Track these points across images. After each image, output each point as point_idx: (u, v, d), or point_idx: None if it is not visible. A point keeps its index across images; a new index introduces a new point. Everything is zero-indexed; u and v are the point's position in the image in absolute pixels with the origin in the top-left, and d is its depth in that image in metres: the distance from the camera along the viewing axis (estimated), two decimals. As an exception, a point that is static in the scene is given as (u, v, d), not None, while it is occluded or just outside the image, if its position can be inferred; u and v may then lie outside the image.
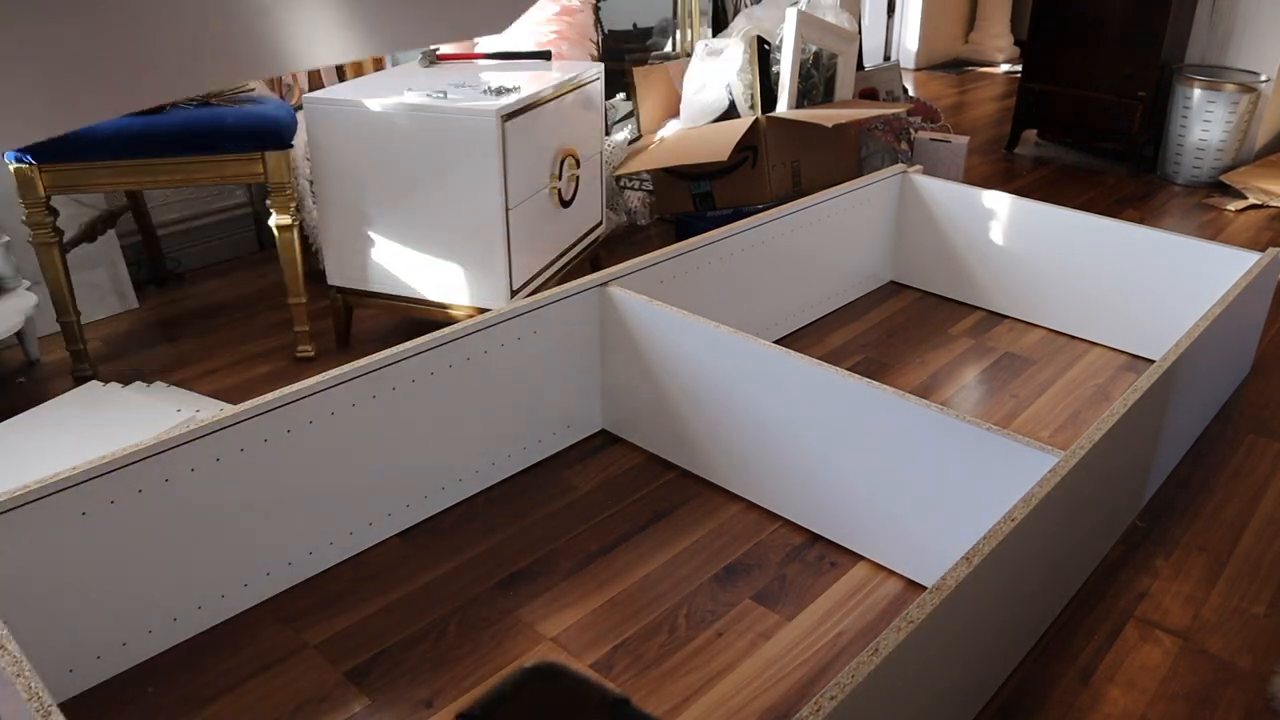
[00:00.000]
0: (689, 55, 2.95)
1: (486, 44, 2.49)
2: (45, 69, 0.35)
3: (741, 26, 2.90)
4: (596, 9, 2.70)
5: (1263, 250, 1.91)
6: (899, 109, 2.94)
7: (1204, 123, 3.31)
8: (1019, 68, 4.25)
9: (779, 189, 2.65)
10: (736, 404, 1.58)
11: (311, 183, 2.32)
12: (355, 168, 1.97)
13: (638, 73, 2.90)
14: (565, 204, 2.20)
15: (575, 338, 1.73)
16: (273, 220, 2.01)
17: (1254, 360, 2.13)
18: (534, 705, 0.41)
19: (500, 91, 1.97)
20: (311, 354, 2.11)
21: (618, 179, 2.87)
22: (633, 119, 2.97)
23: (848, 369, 1.49)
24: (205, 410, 1.82)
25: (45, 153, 1.83)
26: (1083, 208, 2.33)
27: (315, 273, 2.36)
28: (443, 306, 2.05)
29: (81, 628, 1.22)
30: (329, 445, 1.41)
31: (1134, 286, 2.11)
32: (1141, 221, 2.86)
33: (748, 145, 2.62)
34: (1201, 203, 3.23)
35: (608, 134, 2.85)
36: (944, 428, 1.33)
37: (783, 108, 2.71)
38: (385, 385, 1.45)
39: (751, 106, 2.75)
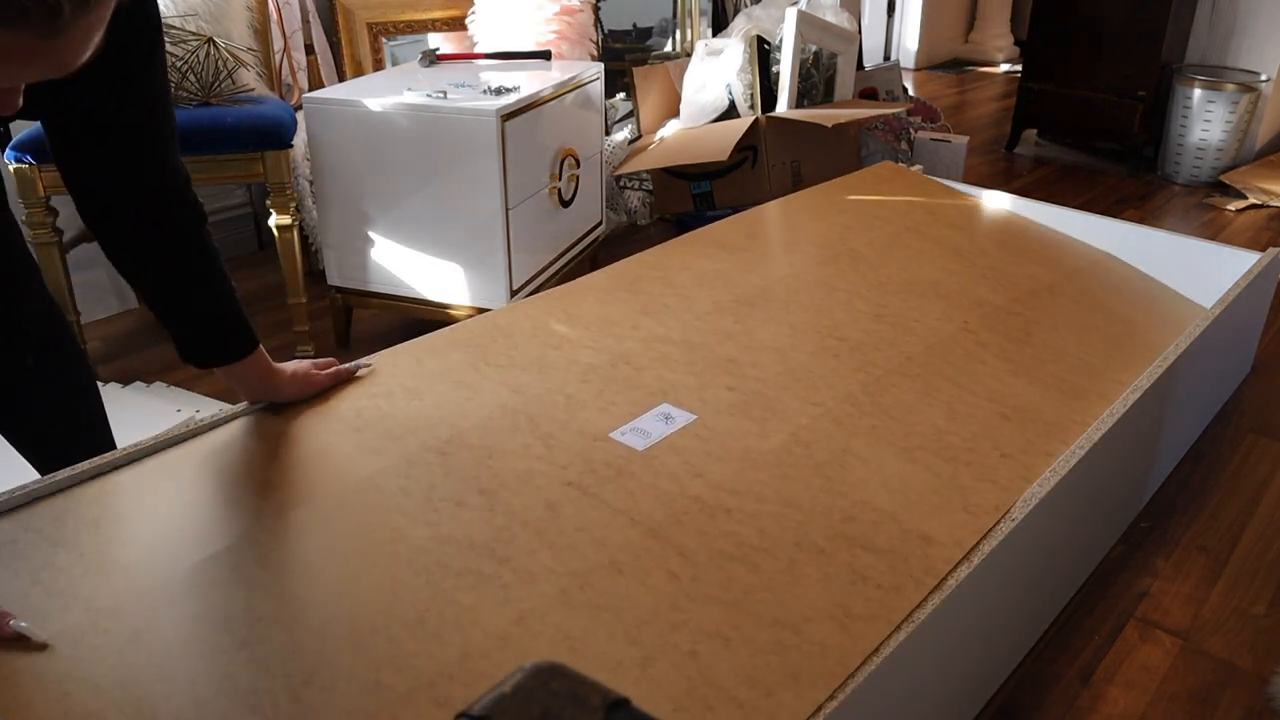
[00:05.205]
0: (689, 55, 2.95)
1: (486, 44, 2.49)
2: None
3: (741, 26, 2.90)
4: (596, 9, 2.70)
5: (1263, 250, 1.91)
6: (899, 109, 2.94)
7: (1204, 123, 3.31)
8: (1019, 68, 4.25)
9: (779, 189, 2.65)
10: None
11: (311, 183, 2.31)
12: (355, 167, 1.97)
13: (638, 73, 2.90)
14: (565, 204, 2.20)
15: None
16: (272, 220, 2.01)
17: (1254, 360, 2.13)
18: (534, 705, 0.41)
19: (500, 91, 1.97)
20: (311, 354, 2.11)
21: (618, 179, 2.87)
22: (633, 119, 2.97)
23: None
24: (205, 410, 1.82)
25: (46, 153, 1.83)
26: (1083, 208, 2.33)
27: (315, 273, 2.36)
28: (443, 306, 2.05)
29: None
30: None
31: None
32: (1141, 221, 2.86)
33: (748, 145, 2.62)
34: (1201, 203, 3.23)
35: (608, 134, 2.85)
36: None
37: (783, 108, 2.71)
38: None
39: (751, 106, 2.75)
